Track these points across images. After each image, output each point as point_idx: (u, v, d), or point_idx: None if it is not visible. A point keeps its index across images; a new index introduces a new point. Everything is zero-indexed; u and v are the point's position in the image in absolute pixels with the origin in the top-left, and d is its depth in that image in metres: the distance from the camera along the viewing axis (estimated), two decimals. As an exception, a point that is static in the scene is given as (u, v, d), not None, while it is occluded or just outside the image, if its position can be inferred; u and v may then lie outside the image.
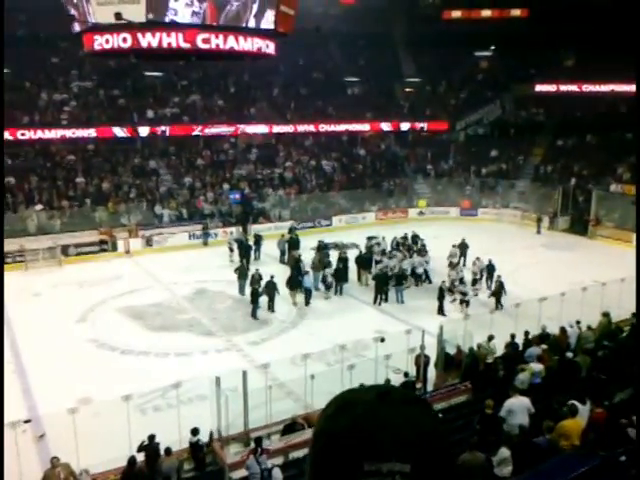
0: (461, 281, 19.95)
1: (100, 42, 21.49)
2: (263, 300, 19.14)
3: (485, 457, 8.31)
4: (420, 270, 21.96)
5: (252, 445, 10.64)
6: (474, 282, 20.85)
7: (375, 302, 20.17)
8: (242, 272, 20.93)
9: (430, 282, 21.74)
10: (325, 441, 0.93)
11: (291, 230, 27.10)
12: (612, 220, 30.13)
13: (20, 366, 15.24)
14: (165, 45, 21.51)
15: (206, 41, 21.18)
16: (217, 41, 21.20)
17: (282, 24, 23.38)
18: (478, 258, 21.41)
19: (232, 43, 21.71)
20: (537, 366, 12.11)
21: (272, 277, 19.32)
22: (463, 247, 24.23)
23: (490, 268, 21.07)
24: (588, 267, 22.81)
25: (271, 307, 19.33)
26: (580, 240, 29.42)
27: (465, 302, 18.96)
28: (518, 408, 9.91)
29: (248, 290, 19.57)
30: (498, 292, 19.36)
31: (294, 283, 20.08)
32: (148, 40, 21.01)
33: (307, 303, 19.95)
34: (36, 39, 31.72)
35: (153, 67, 34.76)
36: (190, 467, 11.09)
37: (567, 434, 8.26)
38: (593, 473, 4.10)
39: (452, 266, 21.69)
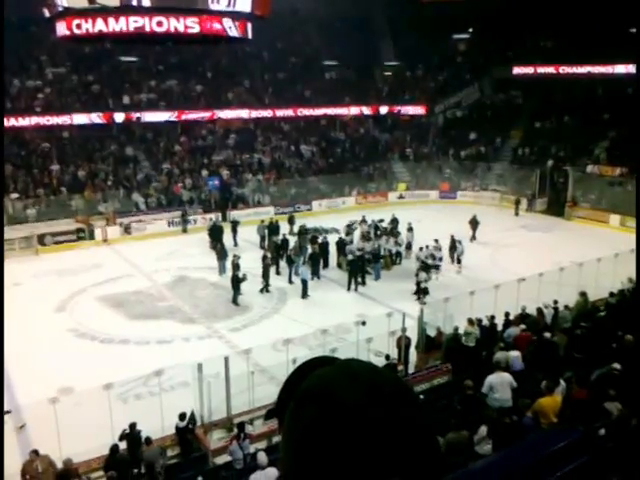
0: (425, 267, 19.57)
1: (71, 27, 21.12)
2: (243, 286, 19.10)
3: (469, 435, 8.44)
4: (394, 251, 22.33)
5: (235, 431, 10.66)
6: (440, 259, 20.53)
7: (349, 289, 19.94)
8: (221, 253, 21.20)
9: (399, 263, 22.36)
10: (309, 453, 0.77)
11: (291, 221, 26.69)
12: (588, 201, 30.51)
13: (-2, 357, 15.06)
14: (147, 30, 21.27)
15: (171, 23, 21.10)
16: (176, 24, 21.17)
17: (259, 7, 23.15)
18: (436, 240, 20.82)
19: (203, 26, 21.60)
20: (514, 353, 11.83)
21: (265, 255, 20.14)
22: (474, 223, 24.57)
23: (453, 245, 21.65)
24: (565, 248, 23.12)
25: (265, 287, 19.66)
26: (557, 221, 29.75)
27: (422, 290, 18.52)
28: (499, 384, 10.03)
29: (229, 273, 19.61)
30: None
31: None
32: (122, 24, 20.74)
33: (304, 295, 19.21)
34: (6, 23, 30.89)
35: (128, 52, 34.17)
36: (174, 454, 11.10)
37: (544, 412, 8.39)
38: (572, 447, 4.17)
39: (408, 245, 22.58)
